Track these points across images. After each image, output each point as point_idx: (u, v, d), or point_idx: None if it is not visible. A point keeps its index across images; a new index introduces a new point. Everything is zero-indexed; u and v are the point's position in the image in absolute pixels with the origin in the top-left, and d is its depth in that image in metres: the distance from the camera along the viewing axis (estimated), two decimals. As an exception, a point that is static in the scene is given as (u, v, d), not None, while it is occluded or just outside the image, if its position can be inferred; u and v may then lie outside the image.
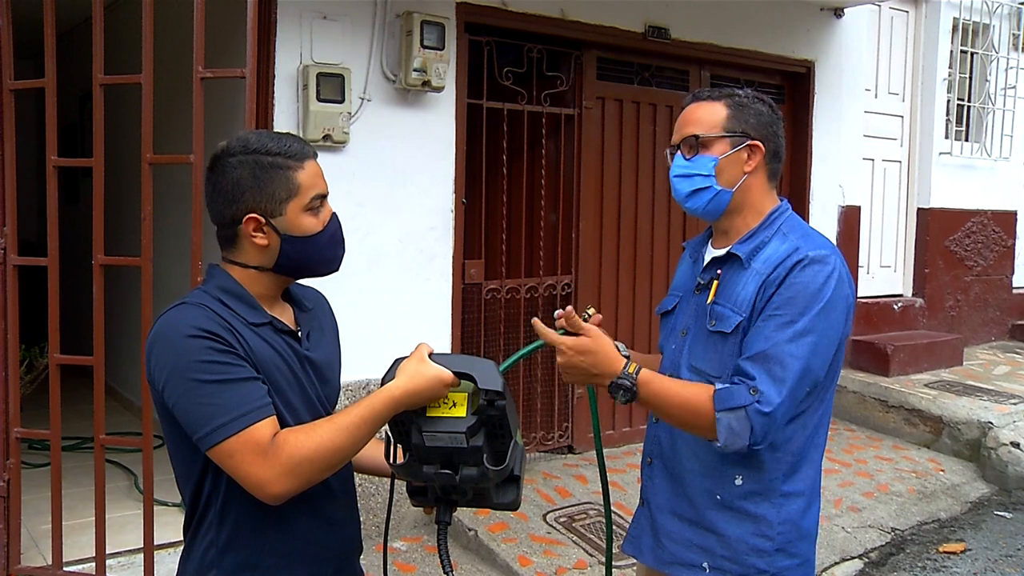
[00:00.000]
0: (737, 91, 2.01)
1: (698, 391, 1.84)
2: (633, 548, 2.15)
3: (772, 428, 1.80)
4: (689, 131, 1.97)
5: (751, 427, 1.77)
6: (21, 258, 3.35)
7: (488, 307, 4.68)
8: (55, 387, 3.34)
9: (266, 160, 1.61)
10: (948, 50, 6.98)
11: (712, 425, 1.79)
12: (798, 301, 1.81)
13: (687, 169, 1.97)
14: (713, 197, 1.96)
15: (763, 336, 1.82)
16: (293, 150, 1.64)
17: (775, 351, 1.79)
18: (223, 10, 3.82)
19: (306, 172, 1.65)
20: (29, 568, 3.47)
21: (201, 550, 1.65)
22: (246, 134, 1.67)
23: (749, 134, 1.95)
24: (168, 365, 1.53)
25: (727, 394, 1.79)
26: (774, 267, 1.87)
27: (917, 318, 6.93)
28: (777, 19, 5.63)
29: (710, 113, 1.97)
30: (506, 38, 4.60)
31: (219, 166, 1.64)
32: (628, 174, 5.22)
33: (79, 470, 4.40)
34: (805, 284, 1.82)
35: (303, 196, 1.64)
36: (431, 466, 1.61)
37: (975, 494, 5.06)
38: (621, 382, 1.82)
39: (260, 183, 1.61)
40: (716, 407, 1.79)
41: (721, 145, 1.95)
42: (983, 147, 7.22)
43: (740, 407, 1.77)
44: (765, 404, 1.77)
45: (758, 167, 1.96)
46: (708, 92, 2.01)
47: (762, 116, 1.98)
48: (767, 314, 1.83)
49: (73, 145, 6.86)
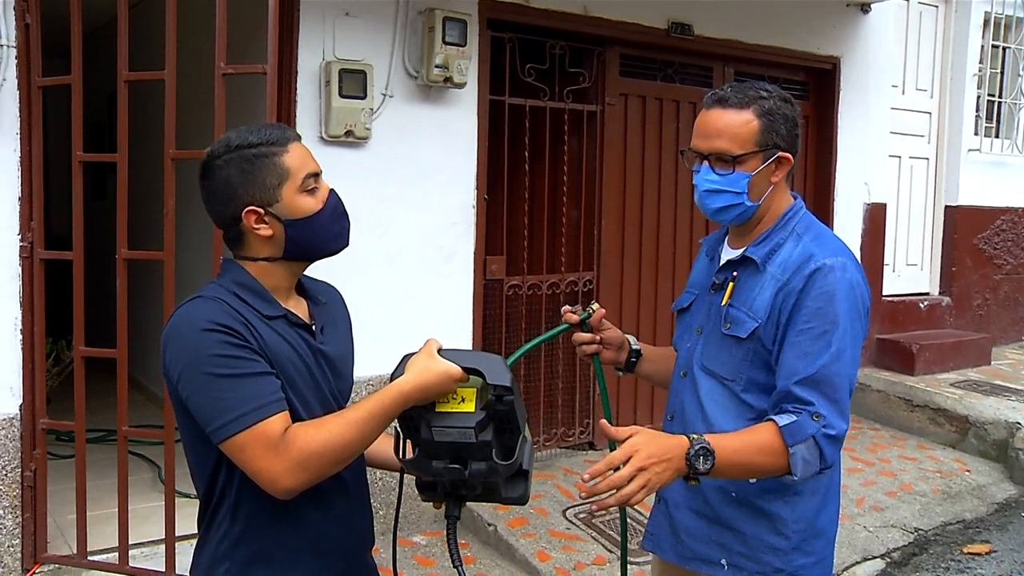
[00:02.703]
0: (762, 92, 1.91)
1: (767, 433, 1.77)
2: (652, 544, 2.15)
3: (839, 449, 1.80)
4: (721, 145, 1.88)
5: (820, 452, 1.77)
6: (47, 252, 3.41)
7: (509, 303, 4.68)
8: (80, 379, 3.40)
9: (250, 153, 1.62)
10: (979, 45, 6.88)
11: (787, 462, 1.76)
12: (826, 313, 1.80)
13: (718, 185, 1.89)
14: (742, 212, 1.93)
15: (802, 352, 1.80)
16: (274, 137, 1.65)
17: (823, 374, 1.78)
18: (246, 7, 3.86)
19: (292, 155, 1.65)
20: (55, 556, 3.52)
21: (215, 542, 1.67)
22: (227, 134, 1.68)
23: (780, 146, 1.89)
24: (183, 358, 1.55)
25: (796, 428, 1.76)
26: (791, 273, 1.85)
27: (944, 317, 6.84)
28: (802, 15, 5.58)
29: (741, 125, 1.87)
30: (528, 34, 4.60)
31: (208, 171, 1.65)
32: (651, 171, 5.21)
33: (106, 462, 4.45)
34: (830, 295, 1.81)
35: (295, 178, 1.64)
36: (440, 461, 1.62)
37: (1002, 495, 4.99)
38: (700, 447, 1.69)
39: (250, 176, 1.62)
40: (788, 442, 1.75)
41: (754, 161, 1.88)
42: (1014, 143, 7.12)
43: (809, 437, 1.76)
44: (830, 428, 1.77)
45: (784, 174, 1.93)
46: (734, 96, 1.89)
47: (789, 121, 1.91)
48: (798, 328, 1.81)
49: (101, 142, 6.95)
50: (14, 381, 3.41)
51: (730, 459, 1.72)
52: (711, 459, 1.69)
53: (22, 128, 3.34)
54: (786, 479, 1.79)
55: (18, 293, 3.39)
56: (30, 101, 3.35)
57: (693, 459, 1.68)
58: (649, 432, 1.70)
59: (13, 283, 3.38)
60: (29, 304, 3.40)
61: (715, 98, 1.92)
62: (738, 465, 1.76)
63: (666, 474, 1.67)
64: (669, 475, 1.67)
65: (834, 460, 1.80)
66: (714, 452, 1.69)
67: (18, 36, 3.31)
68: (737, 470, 1.78)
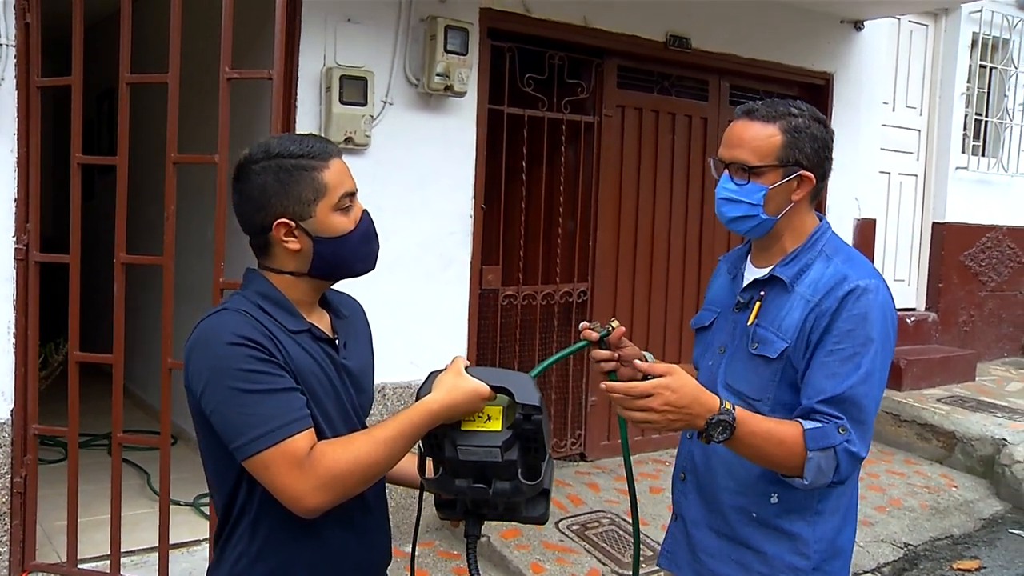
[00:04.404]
0: (792, 109, 1.90)
1: (791, 430, 1.76)
2: (669, 563, 2.14)
3: (856, 467, 1.80)
4: (741, 155, 1.89)
5: (836, 465, 1.77)
6: (43, 255, 3.35)
7: (504, 313, 4.67)
8: (74, 385, 3.34)
9: (289, 163, 1.59)
10: (967, 64, 6.96)
11: (802, 464, 1.75)
12: (858, 335, 1.80)
13: (735, 194, 1.91)
14: (757, 225, 1.93)
15: (830, 373, 1.79)
16: (316, 150, 1.61)
17: (851, 394, 1.78)
18: (245, 12, 3.83)
19: (332, 171, 1.62)
20: (44, 565, 3.46)
21: (232, 560, 1.64)
22: (267, 139, 1.64)
23: (802, 164, 1.88)
24: (208, 372, 1.52)
25: (820, 434, 1.75)
26: (823, 295, 1.84)
27: (930, 332, 6.90)
28: (797, 31, 5.62)
29: (764, 138, 1.87)
30: (528, 44, 4.59)
31: (243, 174, 1.62)
32: (646, 183, 5.21)
33: (92, 467, 4.39)
34: (863, 317, 1.80)
35: (331, 195, 1.61)
36: (464, 480, 1.60)
37: (989, 511, 5.03)
38: (722, 418, 1.69)
39: (286, 187, 1.59)
40: (808, 446, 1.75)
41: (772, 175, 1.88)
42: (1000, 162, 7.20)
43: (831, 447, 1.76)
44: (853, 444, 1.77)
45: (805, 194, 1.93)
46: (763, 109, 1.90)
47: (816, 142, 1.90)
48: (828, 348, 1.80)
49: (89, 142, 6.86)
50: (6, 385, 3.35)
51: (748, 440, 1.73)
52: (729, 432, 1.70)
53: (20, 129, 3.29)
54: (795, 481, 1.79)
55: (12, 296, 3.33)
56: (28, 102, 3.30)
57: (712, 427, 1.70)
58: (684, 377, 1.69)
59: (7, 286, 3.32)
60: (23, 307, 3.34)
61: (745, 110, 1.93)
62: (754, 448, 1.76)
63: (677, 424, 1.69)
64: (680, 426, 1.70)
65: (848, 476, 1.80)
66: (735, 428, 1.70)
67: (18, 35, 3.26)
68: (751, 452, 1.77)
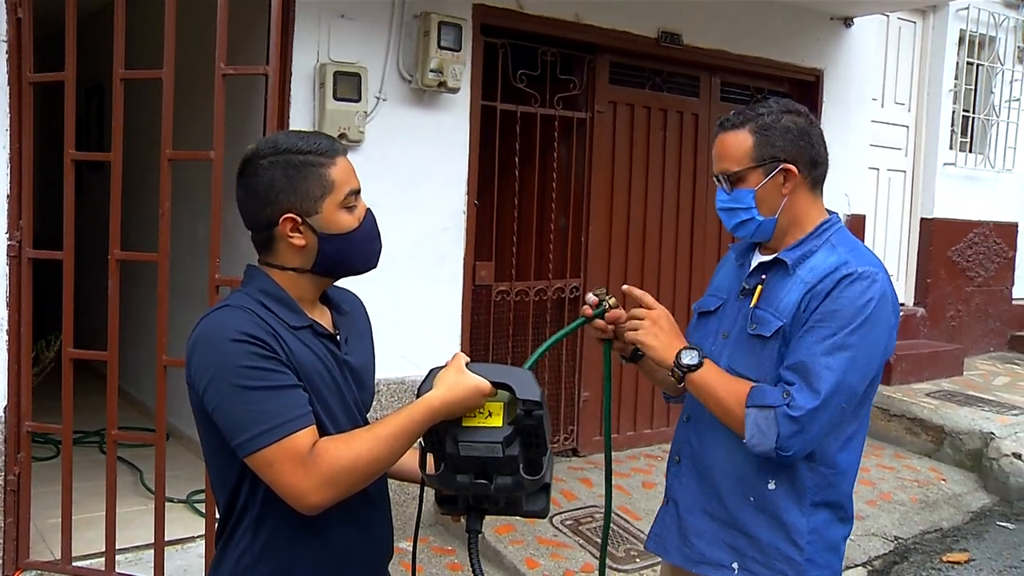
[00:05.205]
0: (760, 109, 1.97)
1: (742, 386, 1.88)
2: (657, 546, 2.16)
3: (800, 436, 1.80)
4: (724, 166, 1.98)
5: (777, 430, 1.79)
6: (36, 251, 3.34)
7: (497, 309, 4.68)
8: (68, 382, 3.33)
9: (297, 159, 1.60)
10: (954, 61, 7.01)
11: (743, 419, 1.83)
12: (841, 315, 1.83)
13: (727, 203, 2.00)
14: (758, 227, 1.98)
15: (803, 346, 1.84)
16: (324, 147, 1.63)
17: (811, 361, 1.82)
18: (235, 8, 3.82)
19: (338, 168, 1.63)
20: (38, 562, 3.45)
21: (235, 557, 1.63)
22: (274, 135, 1.65)
23: (779, 158, 1.94)
24: (210, 369, 1.52)
25: (760, 392, 1.84)
26: (821, 278, 1.88)
27: (918, 327, 6.95)
28: (788, 28, 5.64)
29: (737, 144, 1.96)
30: (521, 41, 4.60)
31: (250, 169, 1.62)
32: (638, 179, 5.23)
33: (83, 464, 4.37)
34: (851, 299, 1.83)
35: (338, 192, 1.63)
36: (465, 476, 1.61)
37: (977, 504, 5.08)
38: (692, 351, 1.90)
39: (293, 183, 1.59)
40: (747, 402, 1.83)
41: (754, 176, 1.95)
42: (987, 159, 7.25)
43: (769, 407, 1.81)
44: (794, 409, 1.79)
45: (797, 185, 1.96)
46: (732, 119, 1.99)
47: (789, 133, 1.95)
48: (809, 325, 1.85)
49: (77, 138, 6.82)
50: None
51: (705, 384, 1.90)
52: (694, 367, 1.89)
53: (11, 125, 3.28)
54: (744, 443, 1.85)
55: (4, 293, 3.32)
56: (20, 97, 3.29)
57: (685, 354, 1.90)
58: (670, 319, 1.97)
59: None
60: (16, 304, 3.33)
61: (719, 123, 2.04)
62: (705, 393, 1.91)
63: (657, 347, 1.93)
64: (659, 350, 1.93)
65: (792, 447, 1.80)
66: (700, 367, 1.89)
67: (9, 30, 3.25)
68: (704, 394, 1.92)
